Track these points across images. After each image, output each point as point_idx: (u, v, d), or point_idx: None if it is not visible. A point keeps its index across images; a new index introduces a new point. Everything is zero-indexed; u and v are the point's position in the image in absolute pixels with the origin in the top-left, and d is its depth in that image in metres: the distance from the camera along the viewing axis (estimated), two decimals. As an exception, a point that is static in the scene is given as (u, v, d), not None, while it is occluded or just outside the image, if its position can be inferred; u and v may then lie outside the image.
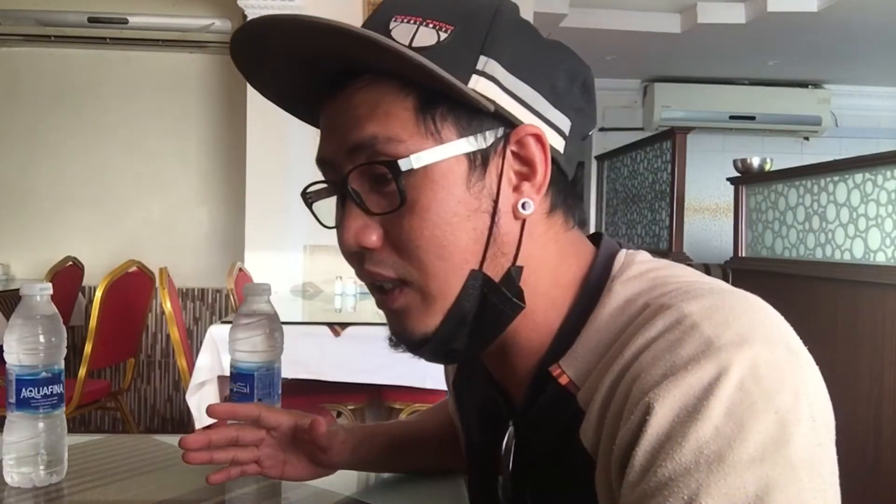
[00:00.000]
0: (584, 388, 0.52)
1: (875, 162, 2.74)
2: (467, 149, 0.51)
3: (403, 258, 0.52)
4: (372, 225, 0.53)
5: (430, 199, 0.51)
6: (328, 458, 0.79)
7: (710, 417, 0.42)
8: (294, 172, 3.58)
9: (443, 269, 0.52)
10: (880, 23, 4.20)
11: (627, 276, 0.54)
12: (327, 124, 0.55)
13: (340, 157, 0.53)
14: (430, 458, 0.89)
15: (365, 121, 0.51)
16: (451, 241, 0.51)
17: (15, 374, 0.82)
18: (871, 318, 2.66)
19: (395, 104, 0.51)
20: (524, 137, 0.53)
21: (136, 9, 3.93)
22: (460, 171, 0.51)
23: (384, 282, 0.54)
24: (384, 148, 0.51)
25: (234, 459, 0.77)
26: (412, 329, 0.55)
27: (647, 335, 0.48)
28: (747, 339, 0.44)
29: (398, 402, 2.55)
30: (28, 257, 4.08)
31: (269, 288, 0.89)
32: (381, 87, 0.51)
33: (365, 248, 0.53)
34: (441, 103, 0.51)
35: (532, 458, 0.58)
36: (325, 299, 3.33)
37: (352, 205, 0.53)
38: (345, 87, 0.53)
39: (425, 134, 0.51)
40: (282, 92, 0.58)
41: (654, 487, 0.42)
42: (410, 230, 0.51)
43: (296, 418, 0.78)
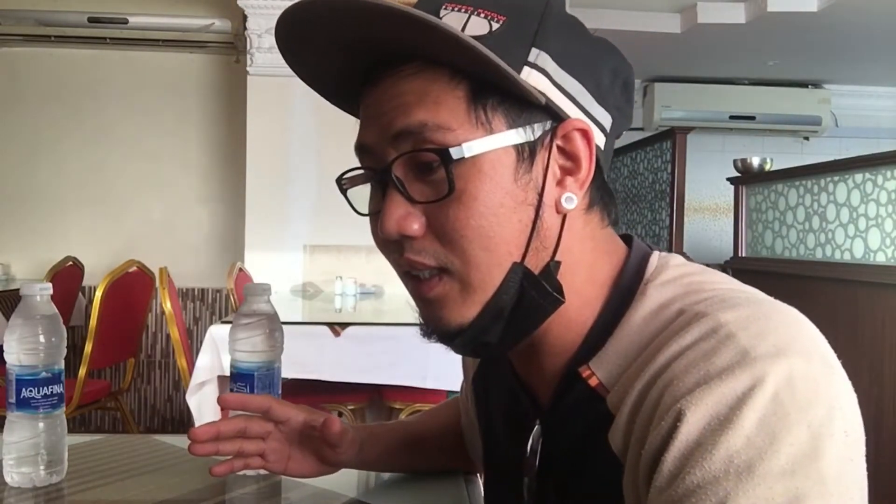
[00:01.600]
0: (614, 391, 0.51)
1: (875, 162, 2.74)
2: (516, 140, 0.51)
3: (446, 247, 0.52)
4: (414, 213, 0.52)
5: (479, 189, 0.50)
6: (336, 456, 0.79)
7: (742, 427, 0.42)
8: (294, 172, 3.58)
9: (486, 260, 0.51)
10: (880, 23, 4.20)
11: (662, 280, 0.54)
12: (370, 111, 0.54)
13: (384, 143, 0.52)
14: (433, 458, 0.89)
15: (413, 107, 0.50)
16: (497, 233, 0.51)
17: (15, 374, 0.82)
18: (871, 318, 2.66)
19: (445, 92, 0.50)
20: (571, 132, 0.53)
21: (136, 9, 3.93)
22: (508, 163, 0.51)
23: (424, 270, 0.53)
24: (433, 136, 0.50)
25: (240, 451, 0.77)
26: (448, 319, 0.54)
27: (681, 342, 0.47)
28: (784, 351, 0.44)
29: (398, 402, 2.55)
30: (28, 257, 4.08)
31: (269, 288, 0.89)
32: (430, 74, 0.51)
33: (406, 236, 0.52)
34: (492, 94, 0.51)
35: (557, 458, 0.58)
36: (325, 299, 3.33)
37: (394, 192, 0.52)
38: (390, 74, 0.52)
39: (476, 124, 0.50)
40: (321, 75, 0.57)
41: (682, 494, 0.42)
42: (457, 219, 0.50)
43: (306, 414, 0.78)
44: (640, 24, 4.42)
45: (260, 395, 0.83)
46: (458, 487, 0.87)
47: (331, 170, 0.59)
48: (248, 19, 3.52)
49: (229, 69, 4.09)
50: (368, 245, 0.57)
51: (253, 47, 3.52)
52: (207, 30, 3.93)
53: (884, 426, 2.52)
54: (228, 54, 4.08)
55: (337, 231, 3.51)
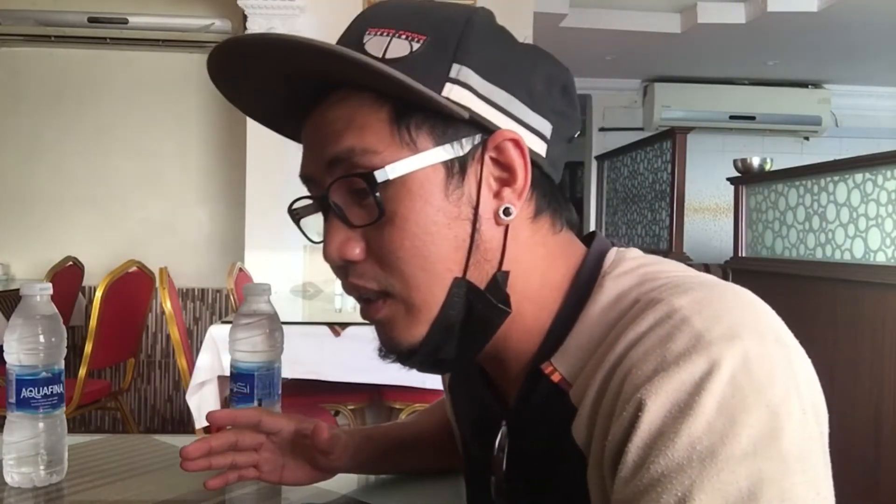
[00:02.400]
0: (577, 384, 0.52)
1: (875, 162, 2.74)
2: (444, 157, 0.51)
3: (385, 270, 0.52)
4: (354, 238, 0.53)
5: (409, 210, 0.51)
6: (329, 462, 0.79)
7: (702, 413, 0.42)
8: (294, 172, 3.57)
9: (425, 280, 0.52)
10: (880, 23, 4.20)
11: (618, 273, 0.54)
12: (307, 140, 0.55)
13: (321, 171, 0.54)
14: (429, 458, 0.89)
15: (341, 134, 0.51)
16: (433, 251, 0.51)
17: (15, 374, 0.82)
18: (871, 318, 2.66)
19: (369, 116, 0.51)
20: (502, 143, 0.52)
21: (136, 9, 3.93)
22: (438, 180, 0.51)
23: (368, 294, 0.54)
24: (361, 160, 0.51)
25: (233, 464, 0.77)
26: (399, 340, 0.54)
27: (637, 329, 0.48)
28: (738, 332, 0.44)
29: (398, 402, 2.55)
30: (28, 257, 4.08)
31: (269, 288, 0.90)
32: (355, 100, 0.52)
33: (348, 260, 0.53)
34: (416, 113, 0.51)
35: (525, 457, 0.58)
36: (325, 299, 3.33)
37: (334, 218, 0.54)
38: (320, 103, 0.53)
39: (401, 144, 0.51)
40: (264, 111, 0.59)
41: (647, 484, 0.43)
42: (391, 241, 0.51)
43: (296, 423, 0.78)
44: (640, 24, 4.43)
45: (248, 409, 0.83)
46: (458, 487, 0.86)
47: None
48: (248, 19, 3.52)
49: (229, 69, 4.09)
50: None
51: (253, 47, 3.51)
52: (207, 30, 3.93)
53: (884, 426, 2.52)
54: (228, 54, 4.08)
55: (337, 231, 3.50)
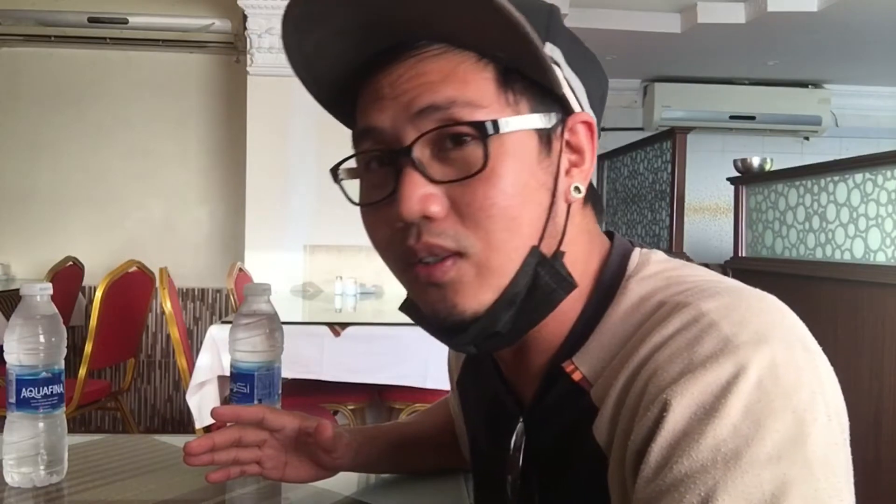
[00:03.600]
0: (598, 384, 0.52)
1: (875, 162, 2.74)
2: (539, 125, 0.52)
3: (469, 228, 0.50)
4: (436, 193, 0.50)
5: (507, 168, 0.50)
6: (331, 460, 0.79)
7: (727, 416, 0.42)
8: (294, 172, 3.58)
9: (507, 242, 0.50)
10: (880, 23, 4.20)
11: (643, 275, 0.54)
12: (383, 92, 0.52)
13: (402, 123, 0.51)
14: (431, 458, 0.89)
15: (440, 85, 0.50)
16: (520, 213, 0.50)
17: (15, 374, 0.82)
18: (871, 318, 2.66)
19: (474, 72, 0.50)
20: (576, 125, 0.54)
21: (136, 9, 3.93)
22: (532, 146, 0.51)
23: (441, 254, 0.51)
24: (462, 112, 0.49)
25: (236, 459, 0.77)
26: (463, 305, 0.51)
27: (663, 332, 0.48)
28: (765, 337, 0.45)
29: (398, 402, 2.55)
30: (28, 257, 4.08)
31: (269, 288, 0.90)
32: (456, 55, 0.51)
33: (427, 217, 0.50)
34: (517, 78, 0.51)
35: (541, 455, 0.58)
36: (325, 299, 3.33)
37: (413, 172, 0.50)
38: (411, 55, 0.51)
39: (505, 104, 0.51)
40: (320, 64, 0.55)
41: (670, 484, 0.43)
42: (484, 198, 0.49)
43: (300, 421, 0.78)
44: (640, 24, 4.42)
45: (253, 406, 0.83)
46: (458, 487, 0.87)
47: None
48: (248, 19, 3.52)
49: (229, 69, 4.10)
50: (368, 245, 0.56)
51: (253, 47, 3.52)
52: (207, 30, 3.93)
53: (884, 426, 2.52)
54: (228, 54, 4.08)
55: (337, 231, 3.51)
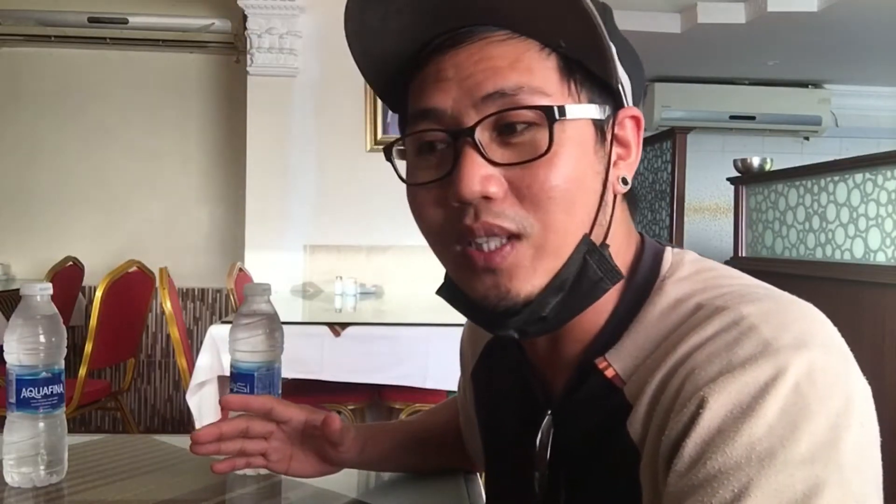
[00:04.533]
0: (631, 381, 0.52)
1: (875, 162, 2.74)
2: (596, 115, 0.53)
3: (528, 208, 0.51)
4: (496, 175, 0.51)
5: (569, 154, 0.52)
6: (338, 454, 0.79)
7: (764, 416, 0.43)
8: (294, 172, 3.58)
9: (565, 225, 0.52)
10: (880, 23, 4.20)
11: (678, 276, 0.55)
12: (448, 74, 0.53)
13: (464, 105, 0.52)
14: (435, 457, 0.89)
15: (507, 70, 0.51)
16: (579, 198, 0.52)
17: (15, 374, 0.82)
18: (871, 318, 2.66)
19: (538, 61, 0.52)
20: (624, 119, 0.56)
21: (136, 9, 3.93)
22: (590, 135, 0.53)
23: (498, 237, 0.52)
24: (529, 98, 0.51)
25: (242, 450, 0.77)
26: (518, 289, 0.52)
27: (702, 334, 0.48)
28: (805, 343, 0.46)
29: (398, 402, 2.55)
30: (28, 257, 4.08)
31: (269, 288, 0.89)
32: (521, 43, 0.52)
33: (486, 197, 0.51)
34: (579, 69, 0.53)
35: (569, 450, 0.58)
36: (325, 299, 3.33)
37: (473, 154, 0.51)
38: (477, 39, 0.52)
39: (568, 94, 0.52)
40: (382, 46, 0.56)
41: (703, 479, 0.43)
42: (546, 180, 0.51)
43: (307, 413, 0.79)
44: (640, 24, 4.42)
45: (261, 396, 0.83)
46: (458, 487, 0.87)
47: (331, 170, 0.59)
48: (248, 19, 3.52)
49: (229, 69, 4.09)
50: (368, 245, 0.57)
51: (253, 47, 3.51)
52: (207, 30, 3.93)
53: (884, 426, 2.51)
54: (228, 54, 4.08)
55: (337, 231, 3.50)
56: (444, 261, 0.57)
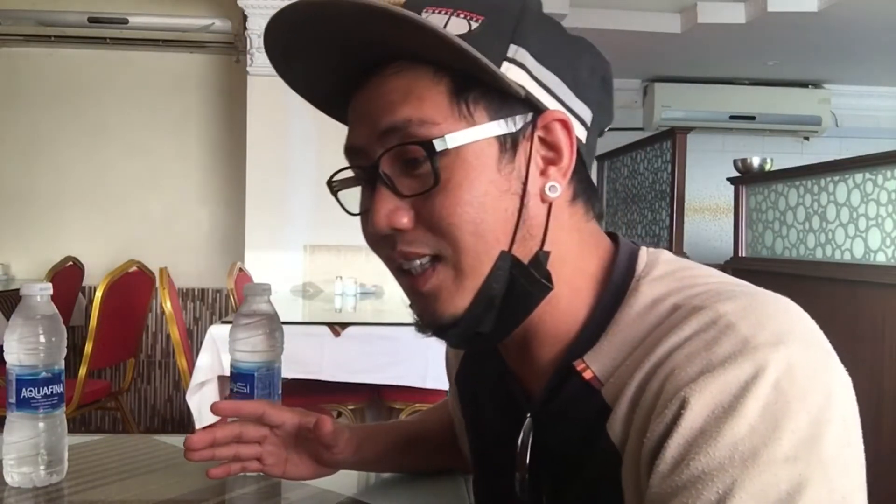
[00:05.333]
0: (609, 383, 0.52)
1: (875, 162, 2.74)
2: (498, 132, 0.53)
3: (437, 235, 0.53)
4: (403, 207, 0.53)
5: (463, 179, 0.52)
6: (332, 456, 0.79)
7: (745, 415, 0.43)
8: (294, 172, 3.58)
9: (475, 246, 0.52)
10: (880, 23, 4.20)
11: (653, 277, 0.55)
12: (358, 112, 0.56)
13: (371, 142, 0.54)
14: (431, 457, 0.89)
15: (398, 105, 0.52)
16: (483, 219, 0.52)
17: (15, 374, 0.82)
18: (871, 318, 2.66)
19: (428, 88, 0.52)
20: (551, 123, 0.54)
21: (136, 9, 3.93)
22: (491, 153, 0.53)
23: (419, 259, 0.54)
24: (418, 130, 0.51)
25: (236, 456, 0.77)
26: (442, 311, 0.54)
27: (680, 334, 0.49)
28: (783, 339, 0.46)
29: (398, 402, 2.55)
30: (28, 257, 4.08)
31: (269, 288, 0.89)
32: (414, 72, 0.53)
33: (396, 229, 0.53)
34: (473, 88, 0.52)
35: (550, 452, 0.58)
36: (325, 299, 3.33)
37: (382, 188, 0.53)
38: (376, 75, 0.54)
39: (458, 117, 0.52)
40: (311, 85, 0.59)
41: (687, 480, 0.43)
42: (443, 208, 0.52)
43: (300, 416, 0.78)
44: (640, 24, 4.42)
45: (253, 401, 0.83)
46: (458, 487, 0.87)
47: (331, 170, 0.60)
48: (248, 19, 3.52)
49: (229, 69, 4.09)
50: None
51: (253, 47, 3.52)
52: (207, 30, 3.93)
53: (883, 426, 2.52)
54: (228, 54, 4.08)
55: (337, 231, 3.50)
56: (395, 277, 0.59)
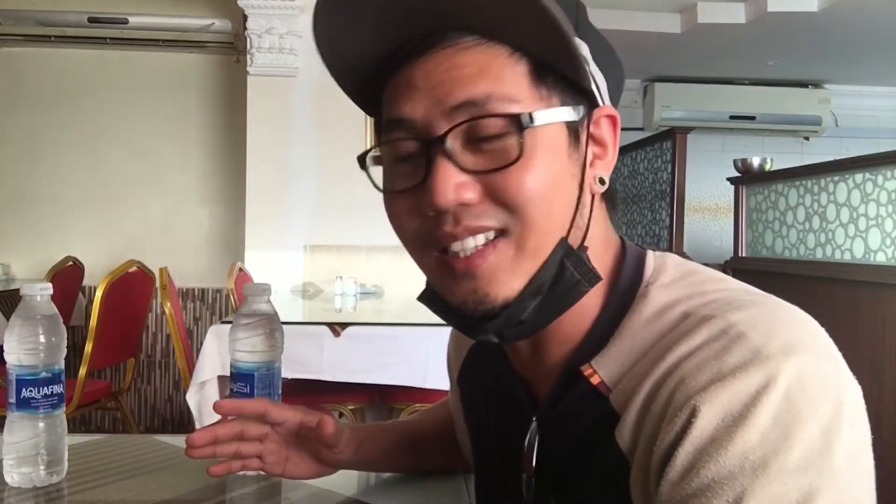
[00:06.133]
0: (617, 389, 0.52)
1: (875, 162, 2.74)
2: (569, 118, 0.53)
3: (507, 210, 0.51)
4: (469, 181, 0.51)
5: (542, 158, 0.51)
6: (333, 455, 0.79)
7: (756, 424, 0.43)
8: (294, 172, 3.58)
9: (545, 227, 0.52)
10: (880, 23, 4.20)
11: (662, 282, 0.55)
12: (418, 83, 0.52)
13: (435, 115, 0.52)
14: (431, 457, 0.89)
15: (476, 79, 0.51)
16: (555, 200, 0.52)
17: (15, 374, 0.82)
18: (871, 318, 2.66)
19: (507, 67, 0.51)
20: (600, 118, 0.55)
21: (136, 9, 3.93)
22: (563, 138, 0.53)
23: (483, 234, 0.52)
24: (498, 107, 0.50)
25: (237, 453, 0.77)
26: (496, 293, 0.52)
27: (691, 343, 0.48)
28: (794, 349, 0.46)
29: (398, 402, 2.55)
30: (28, 257, 4.08)
31: (269, 288, 0.89)
32: (490, 49, 0.51)
33: (462, 203, 0.51)
34: (550, 73, 0.52)
35: (556, 455, 0.58)
36: (325, 299, 3.33)
37: (445, 162, 0.51)
38: (445, 46, 0.52)
39: (539, 98, 0.52)
40: (345, 47, 0.55)
41: (696, 488, 0.43)
42: (521, 182, 0.51)
43: (302, 415, 0.78)
44: (640, 24, 4.42)
45: (255, 399, 0.83)
46: (458, 487, 0.87)
47: (331, 170, 0.60)
48: (248, 19, 3.52)
49: (229, 69, 4.09)
50: (368, 245, 0.57)
51: (253, 47, 3.51)
52: (207, 30, 3.93)
53: (884, 426, 2.52)
54: (228, 54, 4.07)
55: (337, 231, 3.50)
56: (423, 267, 0.57)
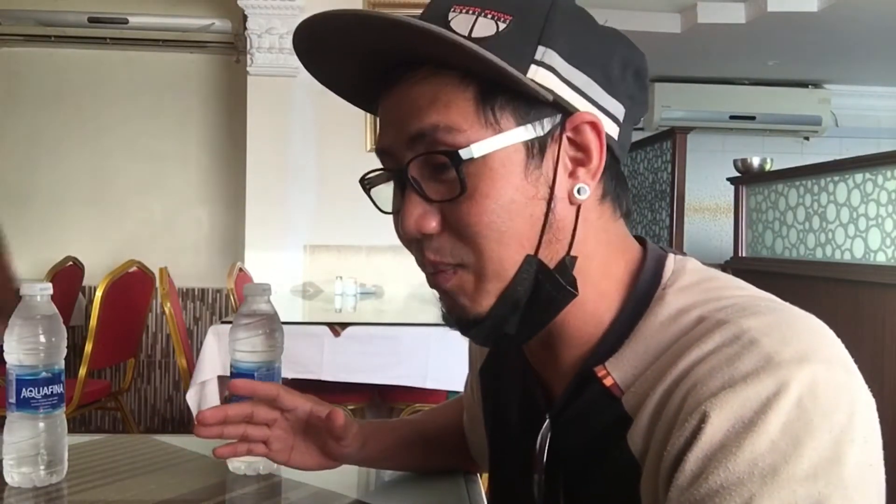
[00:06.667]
0: (630, 392, 0.52)
1: (875, 162, 2.74)
2: (525, 137, 0.52)
3: (462, 242, 0.53)
4: (431, 211, 0.54)
5: (489, 187, 0.52)
6: (339, 448, 0.79)
7: (766, 431, 0.43)
8: (294, 173, 3.58)
9: (499, 253, 0.53)
10: (880, 23, 4.20)
11: (680, 286, 0.55)
12: (386, 116, 0.56)
13: (400, 146, 0.54)
14: (436, 457, 0.89)
15: (425, 111, 0.52)
16: (509, 227, 0.52)
17: (15, 374, 0.82)
18: (871, 318, 2.66)
19: (455, 94, 0.52)
20: (580, 125, 0.54)
21: (136, 9, 3.93)
22: (518, 160, 0.52)
23: (443, 268, 0.55)
24: (444, 137, 0.52)
25: (245, 435, 0.77)
26: (466, 309, 0.55)
27: (703, 348, 0.48)
28: (807, 357, 0.45)
29: (398, 402, 2.55)
30: (28, 257, 4.07)
31: (269, 288, 0.90)
32: (441, 78, 0.52)
33: (424, 234, 0.54)
34: (500, 93, 0.52)
35: (567, 456, 0.58)
36: (325, 299, 3.33)
37: (412, 192, 0.54)
38: (403, 79, 0.54)
39: (485, 124, 0.52)
40: (341, 84, 0.60)
41: (705, 494, 0.43)
42: (469, 216, 0.52)
43: (312, 404, 0.79)
44: (640, 24, 4.42)
45: (268, 383, 0.83)
46: (458, 487, 0.87)
47: (331, 170, 0.61)
48: (248, 19, 3.52)
49: (229, 69, 4.09)
50: (368, 245, 0.58)
51: (253, 47, 3.51)
52: (207, 30, 3.93)
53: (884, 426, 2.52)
54: (228, 54, 4.07)
55: (337, 231, 3.50)
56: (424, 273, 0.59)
